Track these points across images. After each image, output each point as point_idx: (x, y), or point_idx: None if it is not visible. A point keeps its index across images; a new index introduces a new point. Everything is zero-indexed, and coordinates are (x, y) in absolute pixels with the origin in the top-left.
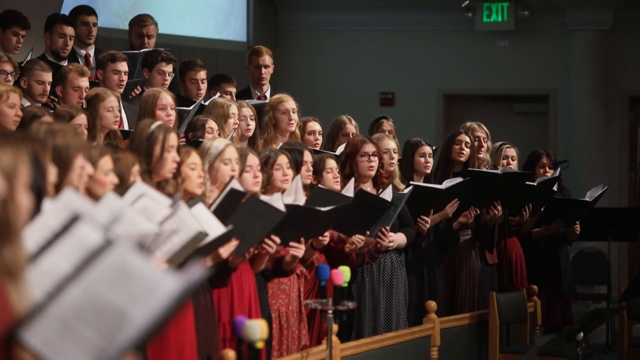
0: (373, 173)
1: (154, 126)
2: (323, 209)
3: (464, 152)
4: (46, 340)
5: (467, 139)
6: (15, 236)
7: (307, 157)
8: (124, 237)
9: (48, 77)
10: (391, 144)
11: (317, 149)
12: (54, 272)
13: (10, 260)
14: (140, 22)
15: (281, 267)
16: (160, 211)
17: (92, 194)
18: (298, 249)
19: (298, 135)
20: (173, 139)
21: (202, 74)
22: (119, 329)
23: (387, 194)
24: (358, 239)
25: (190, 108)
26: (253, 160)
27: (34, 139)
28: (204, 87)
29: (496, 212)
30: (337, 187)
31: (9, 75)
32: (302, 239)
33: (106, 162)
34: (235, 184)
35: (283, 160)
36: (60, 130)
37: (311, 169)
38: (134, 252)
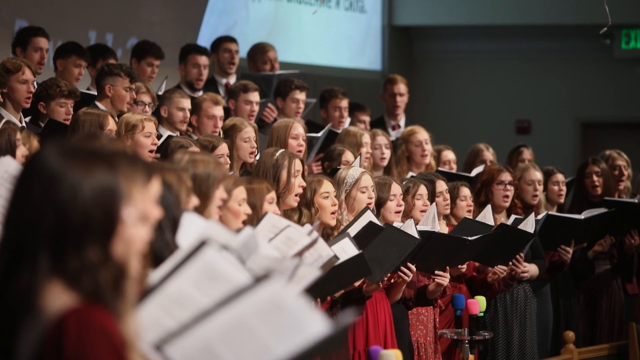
0: (508, 203)
1: (278, 153)
2: (470, 238)
3: (596, 184)
4: (187, 357)
5: (597, 169)
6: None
7: (442, 186)
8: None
9: (187, 103)
10: (537, 174)
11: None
12: (179, 295)
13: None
14: (264, 50)
15: (424, 296)
16: (297, 243)
17: (225, 223)
18: (444, 278)
19: (433, 165)
20: (298, 164)
21: (345, 102)
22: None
23: (530, 226)
24: (500, 269)
25: (320, 135)
26: (397, 189)
27: (169, 168)
28: (346, 114)
29: (633, 242)
30: (470, 215)
31: (147, 106)
32: (447, 268)
33: (240, 192)
34: (373, 217)
35: (424, 190)
36: (202, 160)
37: (448, 198)
38: (290, 289)
